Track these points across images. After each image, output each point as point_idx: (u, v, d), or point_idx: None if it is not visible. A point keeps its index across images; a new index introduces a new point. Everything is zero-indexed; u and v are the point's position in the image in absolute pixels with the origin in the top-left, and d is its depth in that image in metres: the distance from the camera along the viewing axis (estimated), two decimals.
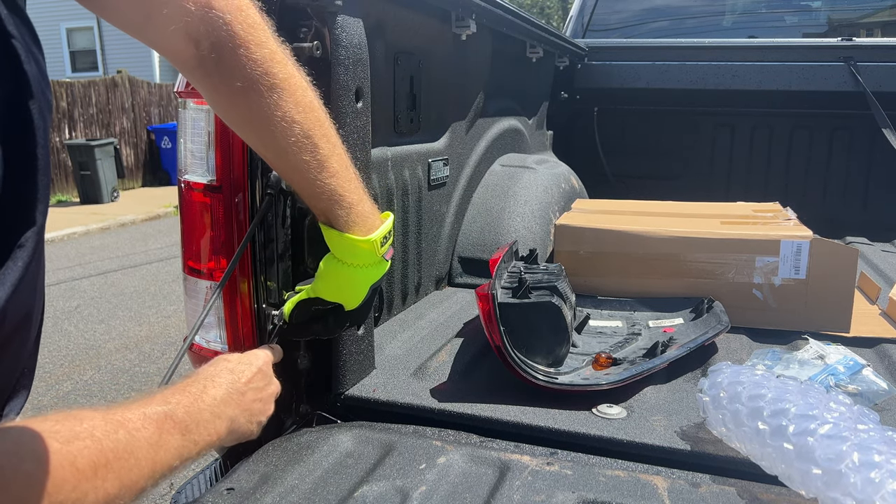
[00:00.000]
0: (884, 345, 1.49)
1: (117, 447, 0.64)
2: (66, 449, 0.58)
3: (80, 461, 0.59)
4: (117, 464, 0.64)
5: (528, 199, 2.05)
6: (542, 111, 2.92)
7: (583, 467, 1.02)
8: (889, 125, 2.72)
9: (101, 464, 0.61)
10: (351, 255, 1.05)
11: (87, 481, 0.60)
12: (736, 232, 1.64)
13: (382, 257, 1.08)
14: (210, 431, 0.83)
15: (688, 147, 3.15)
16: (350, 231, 1.03)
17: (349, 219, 1.03)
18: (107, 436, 0.64)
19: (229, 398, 0.90)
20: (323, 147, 0.99)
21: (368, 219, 1.06)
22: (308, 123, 0.96)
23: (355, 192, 1.04)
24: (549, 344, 1.33)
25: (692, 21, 3.46)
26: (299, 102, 0.95)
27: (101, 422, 0.65)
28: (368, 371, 1.35)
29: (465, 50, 1.89)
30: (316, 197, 1.02)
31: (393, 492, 0.97)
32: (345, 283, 1.07)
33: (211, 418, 0.84)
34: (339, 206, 1.02)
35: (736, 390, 1.04)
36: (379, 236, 1.06)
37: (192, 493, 1.23)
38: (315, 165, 0.99)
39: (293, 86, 0.95)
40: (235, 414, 0.90)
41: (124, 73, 12.23)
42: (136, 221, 9.34)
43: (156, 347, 4.44)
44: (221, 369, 0.94)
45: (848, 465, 0.84)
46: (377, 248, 1.06)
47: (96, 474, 0.61)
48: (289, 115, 0.94)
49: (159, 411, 0.75)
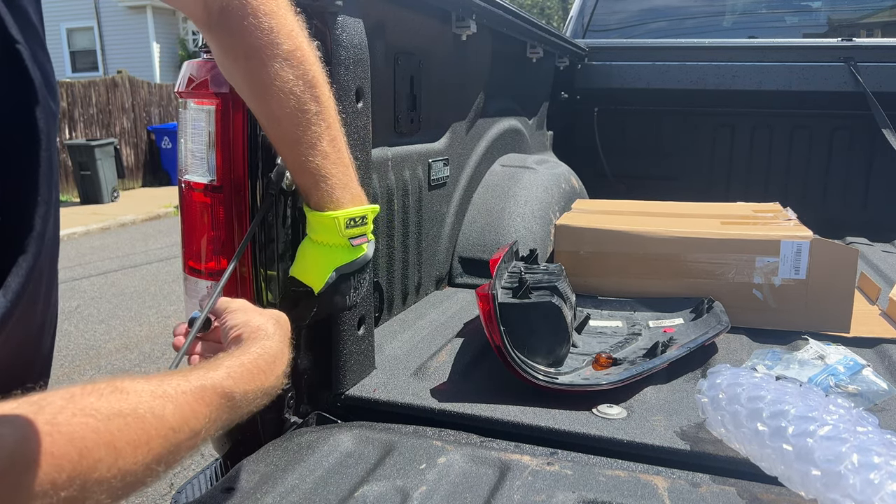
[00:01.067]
0: (884, 345, 1.49)
1: (160, 426, 0.62)
2: (103, 428, 0.57)
3: (118, 440, 0.58)
4: (160, 441, 0.62)
5: (529, 199, 2.05)
6: (542, 111, 2.92)
7: (583, 467, 1.02)
8: (889, 125, 2.72)
9: (142, 441, 0.60)
10: (314, 231, 1.07)
11: (124, 459, 0.59)
12: (736, 232, 1.65)
13: (349, 241, 1.07)
14: (253, 404, 0.79)
15: (688, 147, 3.15)
16: (323, 210, 1.04)
17: (325, 198, 1.04)
18: (151, 410, 0.62)
19: (273, 344, 0.85)
20: (316, 125, 0.99)
21: (345, 203, 1.06)
22: (305, 98, 0.97)
23: (342, 175, 1.05)
24: (549, 344, 1.33)
25: (692, 21, 3.46)
26: (301, 76, 0.96)
27: (147, 397, 0.63)
28: (369, 371, 1.35)
29: (465, 50, 1.89)
30: (300, 171, 1.03)
31: (393, 492, 0.97)
32: (310, 261, 1.08)
33: (258, 395, 0.80)
34: (320, 186, 1.03)
35: (735, 392, 1.04)
36: (343, 215, 1.05)
37: (193, 493, 1.23)
38: (305, 141, 1.00)
39: (297, 59, 0.96)
40: (276, 387, 0.85)
41: (124, 74, 12.23)
42: (137, 221, 9.34)
43: (156, 347, 4.44)
44: (259, 322, 0.88)
45: (847, 466, 0.84)
46: (340, 227, 1.05)
47: (136, 451, 0.60)
48: (286, 87, 0.95)
49: (206, 382, 0.72)
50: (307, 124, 0.99)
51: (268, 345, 0.83)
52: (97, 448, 0.56)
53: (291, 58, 0.95)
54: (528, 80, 2.65)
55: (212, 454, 1.19)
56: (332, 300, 1.11)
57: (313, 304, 1.11)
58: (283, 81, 0.95)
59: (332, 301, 1.11)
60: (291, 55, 0.95)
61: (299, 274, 1.10)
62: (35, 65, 0.59)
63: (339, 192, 1.05)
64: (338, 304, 1.12)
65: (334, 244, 1.07)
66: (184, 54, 18.61)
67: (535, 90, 2.81)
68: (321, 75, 1.00)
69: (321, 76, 1.00)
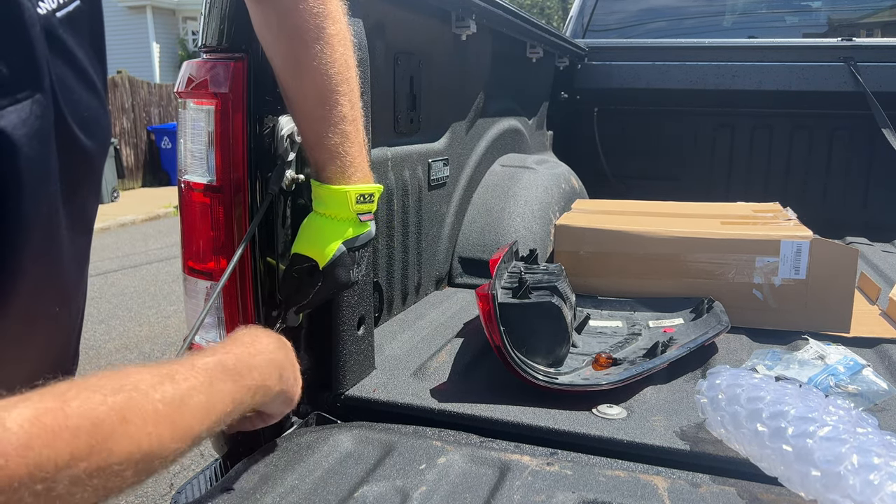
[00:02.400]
0: (884, 345, 1.49)
1: (165, 397, 0.66)
2: (111, 400, 0.60)
3: (128, 412, 0.61)
4: (167, 411, 0.65)
5: (529, 199, 2.05)
6: (542, 111, 2.92)
7: (583, 467, 1.02)
8: (889, 125, 2.72)
9: (149, 412, 0.63)
10: (324, 204, 1.08)
11: (138, 430, 0.61)
12: (736, 232, 1.64)
13: (358, 217, 1.09)
14: (264, 376, 0.86)
15: (688, 147, 3.15)
16: (333, 184, 1.06)
17: (338, 173, 1.06)
18: (153, 387, 0.65)
19: (280, 349, 0.93)
20: (342, 105, 1.02)
21: (355, 180, 1.08)
22: (337, 79, 1.01)
23: (357, 154, 1.07)
24: (549, 344, 1.33)
25: (692, 21, 3.46)
26: (337, 59, 1.00)
27: (147, 375, 0.67)
28: (368, 371, 1.35)
29: (465, 50, 1.89)
30: (318, 147, 1.05)
31: (393, 492, 0.97)
32: (315, 233, 1.09)
33: (264, 363, 0.87)
34: (336, 161, 1.05)
35: (734, 392, 1.04)
36: (355, 189, 1.07)
37: (193, 493, 1.23)
38: (329, 119, 1.03)
39: (338, 41, 1.00)
40: (285, 364, 0.93)
41: (124, 73, 12.23)
42: (136, 221, 9.33)
43: (156, 347, 4.44)
44: (268, 329, 0.96)
45: (847, 467, 0.84)
46: (350, 202, 1.06)
47: (146, 423, 0.62)
48: (322, 69, 0.99)
49: (209, 361, 0.78)
50: (334, 104, 1.02)
51: (264, 342, 0.89)
52: (109, 419, 0.58)
53: (333, 41, 0.99)
54: (527, 80, 2.64)
55: (212, 454, 1.19)
56: (336, 274, 1.10)
57: (317, 280, 1.10)
58: (320, 62, 0.99)
59: (335, 275, 1.10)
60: (333, 38, 0.99)
61: (304, 248, 1.09)
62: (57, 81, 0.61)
63: (352, 169, 1.07)
64: (341, 277, 1.11)
65: (343, 217, 1.08)
66: (184, 54, 18.61)
67: (534, 90, 2.81)
68: (352, 59, 1.04)
69: (352, 59, 1.04)
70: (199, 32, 1.15)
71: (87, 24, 0.68)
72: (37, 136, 0.59)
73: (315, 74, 0.99)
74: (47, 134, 0.61)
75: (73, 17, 0.64)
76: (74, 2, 0.64)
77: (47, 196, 0.63)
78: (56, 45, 0.61)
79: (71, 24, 0.63)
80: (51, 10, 0.60)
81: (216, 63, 1.11)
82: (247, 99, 1.09)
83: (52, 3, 0.61)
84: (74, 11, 0.64)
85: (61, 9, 0.62)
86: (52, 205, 0.64)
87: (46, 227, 0.64)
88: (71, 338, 0.80)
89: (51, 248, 0.66)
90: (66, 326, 0.76)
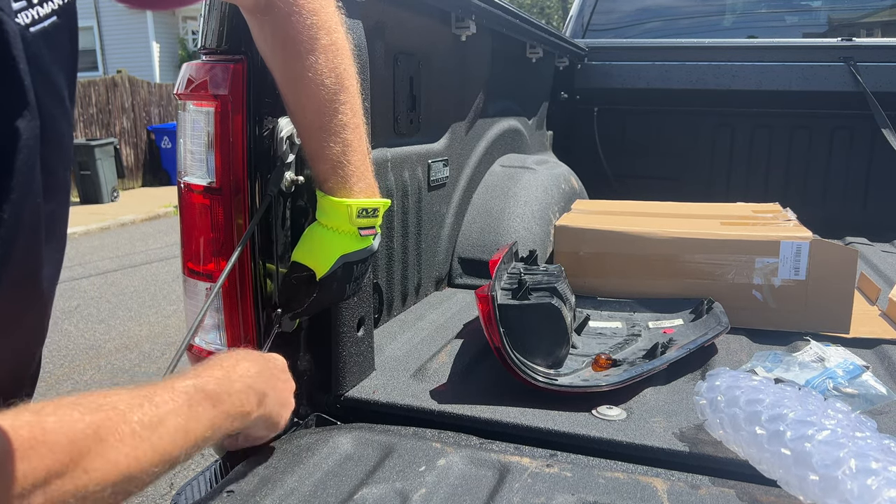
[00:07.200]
0: (883, 346, 1.49)
1: (143, 419, 0.66)
2: (89, 418, 0.60)
3: (104, 430, 0.61)
4: (145, 433, 0.65)
5: (528, 199, 2.05)
6: (541, 111, 2.92)
7: (582, 469, 1.02)
8: (889, 125, 2.72)
9: (126, 433, 0.63)
10: (325, 215, 1.07)
11: (114, 450, 0.61)
12: (736, 233, 1.64)
13: (359, 231, 1.09)
14: (242, 402, 0.86)
15: (688, 147, 3.14)
16: (335, 195, 1.06)
17: (340, 184, 1.06)
18: (132, 408, 0.65)
19: (261, 374, 0.92)
20: (342, 114, 1.03)
21: (358, 192, 1.07)
22: (335, 89, 1.01)
23: (359, 164, 1.07)
24: (548, 345, 1.33)
25: (692, 21, 3.45)
26: (334, 68, 1.00)
27: (126, 396, 0.67)
28: (368, 372, 1.35)
29: (464, 51, 1.89)
30: (319, 158, 1.05)
31: (393, 494, 0.97)
32: (316, 244, 1.09)
33: (243, 389, 0.86)
34: (338, 172, 1.05)
35: (733, 394, 1.04)
36: (356, 204, 1.06)
37: (192, 494, 1.23)
38: (329, 129, 1.03)
39: (333, 51, 1.00)
40: (267, 390, 0.92)
41: (124, 73, 12.22)
42: (136, 221, 9.34)
43: (156, 347, 4.44)
44: (252, 352, 0.96)
45: (845, 471, 0.84)
46: (351, 215, 1.06)
47: (123, 443, 0.62)
48: (318, 79, 0.99)
49: (188, 384, 0.77)
50: (333, 113, 1.02)
51: (244, 367, 0.90)
52: (85, 436, 0.58)
53: (328, 52, 0.99)
54: (527, 80, 2.64)
55: (211, 455, 1.19)
56: (331, 287, 1.10)
57: (313, 290, 1.10)
58: (315, 73, 0.99)
59: (331, 288, 1.10)
60: (328, 49, 0.99)
61: (303, 257, 1.09)
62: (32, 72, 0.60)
63: (354, 180, 1.07)
64: (337, 291, 1.11)
65: (343, 231, 1.08)
66: (184, 54, 18.61)
67: (534, 90, 2.81)
68: (352, 68, 1.04)
69: (352, 68, 1.04)
70: (199, 34, 1.15)
71: (64, 41, 0.67)
72: (26, 148, 0.59)
73: (311, 85, 0.99)
74: (35, 149, 0.61)
75: (49, 34, 0.63)
76: (51, 18, 0.63)
77: (32, 209, 0.63)
78: (32, 61, 0.60)
79: (46, 40, 0.62)
80: (24, 25, 0.59)
81: (216, 65, 1.11)
82: (246, 100, 1.09)
83: (26, 18, 0.59)
84: (50, 27, 0.63)
85: (35, 24, 0.61)
86: (35, 216, 0.64)
87: (30, 238, 0.64)
88: (36, 348, 0.79)
89: (30, 258, 0.66)
90: (30, 337, 0.76)
